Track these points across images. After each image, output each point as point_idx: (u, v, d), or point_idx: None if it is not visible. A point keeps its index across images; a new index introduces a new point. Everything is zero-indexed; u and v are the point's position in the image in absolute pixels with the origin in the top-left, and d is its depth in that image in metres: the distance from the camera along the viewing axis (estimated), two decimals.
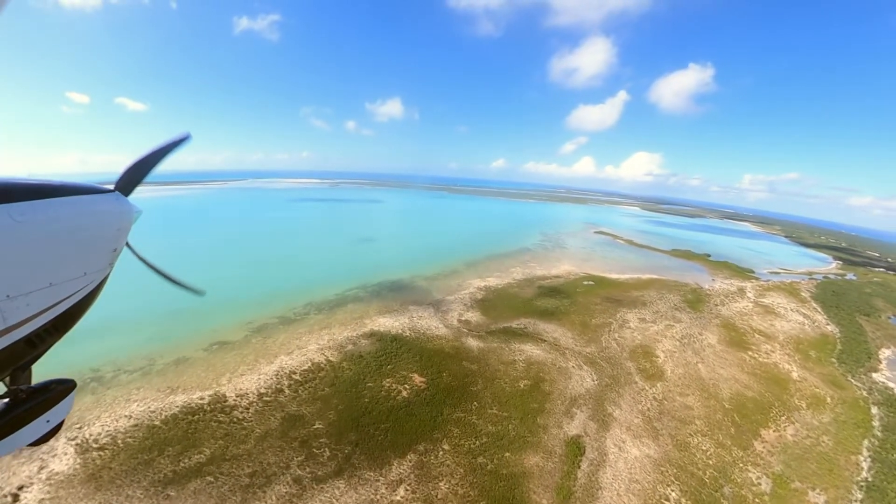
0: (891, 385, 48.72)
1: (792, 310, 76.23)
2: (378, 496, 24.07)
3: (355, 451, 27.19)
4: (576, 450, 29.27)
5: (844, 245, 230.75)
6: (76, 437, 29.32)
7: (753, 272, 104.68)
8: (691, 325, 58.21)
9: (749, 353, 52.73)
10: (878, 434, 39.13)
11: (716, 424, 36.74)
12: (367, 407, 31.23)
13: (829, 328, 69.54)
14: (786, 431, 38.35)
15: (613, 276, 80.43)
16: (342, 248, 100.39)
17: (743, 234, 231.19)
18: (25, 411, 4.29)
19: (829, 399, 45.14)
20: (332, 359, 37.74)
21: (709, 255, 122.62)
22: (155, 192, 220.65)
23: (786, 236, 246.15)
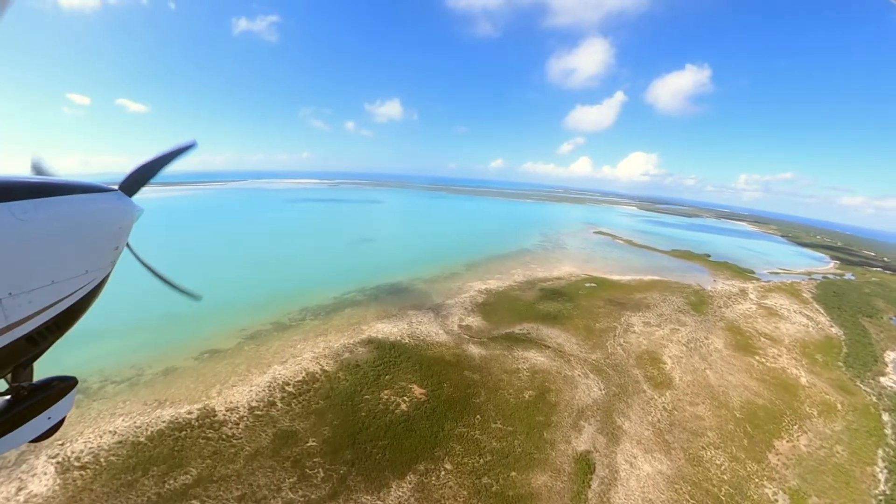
0: None
1: (795, 311, 74.67)
2: None
3: (351, 472, 25.16)
4: (585, 467, 27.34)
5: (840, 244, 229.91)
6: (57, 455, 27.30)
7: (754, 272, 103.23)
8: (696, 328, 56.43)
9: (756, 357, 51.02)
10: (892, 443, 37.48)
11: (728, 436, 34.94)
12: (363, 422, 29.17)
13: (833, 330, 68.04)
14: (799, 442, 36.63)
15: (615, 277, 78.56)
16: (340, 249, 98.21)
17: (740, 233, 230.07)
18: (27, 408, 4.26)
19: (839, 406, 43.53)
20: (327, 368, 35.65)
21: (709, 256, 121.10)
22: (155, 193, 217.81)
23: (782, 236, 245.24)
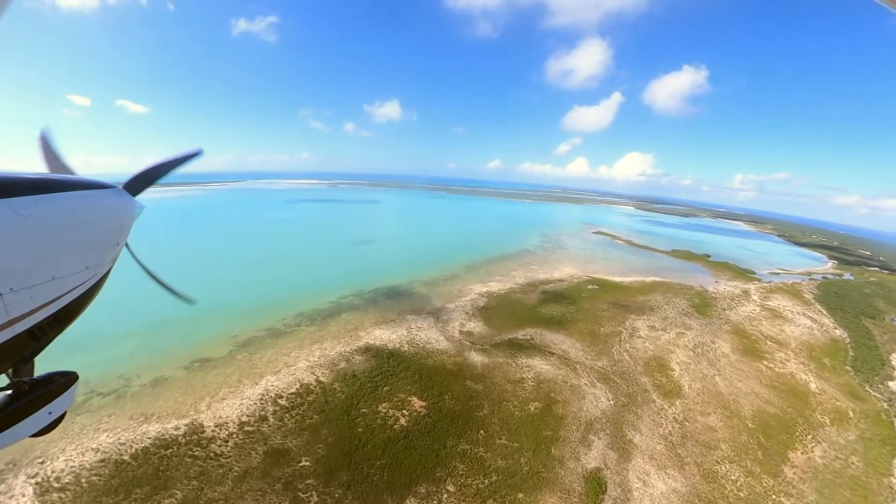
0: None
1: (798, 313, 73.15)
2: None
3: (347, 495, 23.15)
4: (597, 486, 25.41)
5: (836, 244, 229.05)
6: (37, 475, 25.36)
7: (754, 273, 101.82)
8: (702, 332, 54.64)
9: (764, 362, 49.29)
10: None
11: (742, 448, 33.12)
12: (360, 438, 27.13)
13: (838, 332, 66.53)
14: (814, 453, 34.88)
15: (617, 279, 76.71)
16: (338, 250, 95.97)
17: (737, 233, 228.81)
18: (28, 403, 4.21)
19: (851, 413, 41.91)
20: (322, 379, 33.58)
21: (709, 256, 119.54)
22: (153, 193, 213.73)
23: (779, 235, 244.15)
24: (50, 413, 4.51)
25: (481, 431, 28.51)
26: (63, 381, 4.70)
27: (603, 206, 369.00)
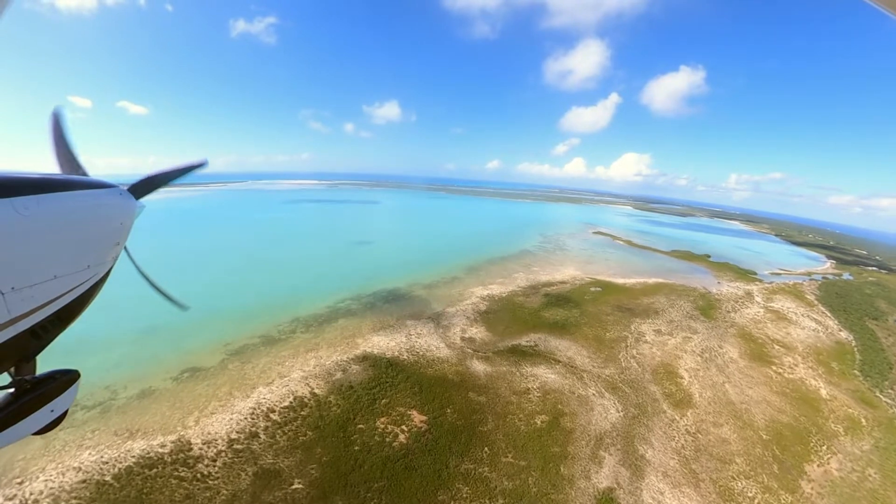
0: None
1: (802, 315, 71.61)
2: None
3: None
4: None
5: (833, 243, 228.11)
6: (14, 496, 23.50)
7: (755, 274, 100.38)
8: (708, 336, 52.87)
9: (773, 368, 47.57)
10: None
11: (757, 461, 31.34)
12: (357, 458, 25.13)
13: (843, 335, 65.03)
14: (830, 465, 33.17)
15: (620, 280, 74.84)
16: (336, 252, 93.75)
17: (735, 232, 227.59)
18: (30, 401, 4.16)
19: (864, 421, 40.30)
20: (317, 391, 31.52)
21: (709, 256, 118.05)
22: (155, 194, 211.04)
23: (776, 235, 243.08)
24: (52, 411, 4.46)
25: (486, 448, 26.55)
26: (65, 379, 4.63)
27: (601, 206, 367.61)
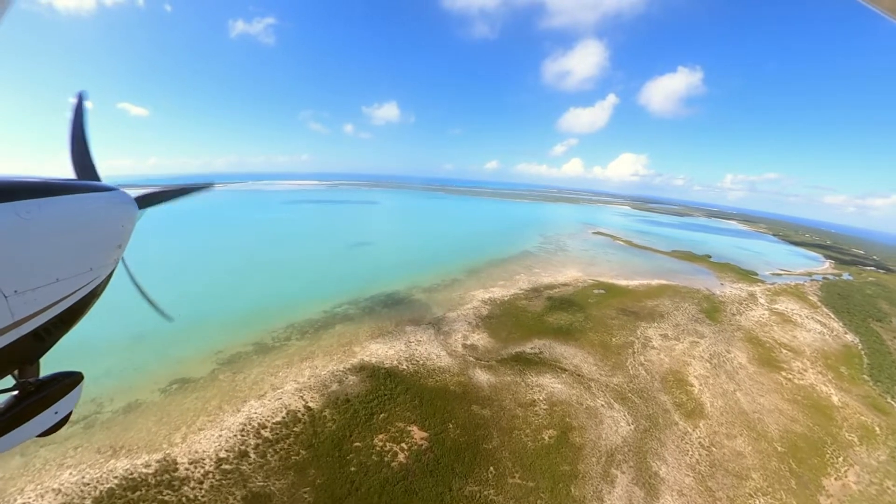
0: None
1: (807, 317, 70.14)
2: None
3: None
4: None
5: (829, 243, 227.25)
6: None
7: (757, 274, 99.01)
8: (715, 340, 51.12)
9: (783, 373, 45.87)
10: None
11: (774, 476, 29.59)
12: (353, 480, 23.17)
13: (849, 337, 63.54)
14: (847, 478, 31.48)
15: (623, 282, 73.02)
16: (335, 253, 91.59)
17: (733, 232, 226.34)
18: (34, 403, 4.10)
19: (877, 429, 38.71)
20: (312, 405, 29.51)
21: (710, 257, 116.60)
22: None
23: (773, 234, 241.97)
24: (56, 413, 4.29)
25: (491, 468, 24.62)
26: (68, 381, 4.47)
27: (599, 206, 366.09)
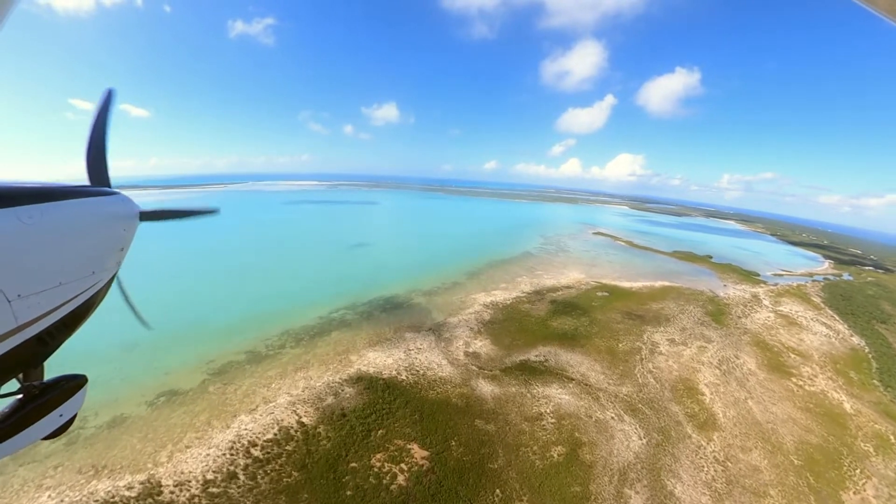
0: None
1: (812, 319, 68.68)
2: None
3: None
4: None
5: (827, 243, 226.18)
6: None
7: (759, 275, 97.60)
8: (723, 345, 49.41)
9: (793, 380, 44.22)
10: None
11: (792, 492, 27.87)
12: None
13: (855, 340, 62.12)
14: (866, 492, 29.85)
15: (626, 284, 71.26)
16: (333, 255, 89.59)
17: (731, 232, 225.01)
18: (39, 406, 4.12)
19: (892, 438, 37.31)
20: (305, 420, 27.61)
21: (711, 257, 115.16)
22: (151, 197, 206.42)
23: (771, 234, 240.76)
24: (61, 416, 4.29)
25: (497, 491, 22.77)
26: (73, 384, 4.45)
27: (597, 206, 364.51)
